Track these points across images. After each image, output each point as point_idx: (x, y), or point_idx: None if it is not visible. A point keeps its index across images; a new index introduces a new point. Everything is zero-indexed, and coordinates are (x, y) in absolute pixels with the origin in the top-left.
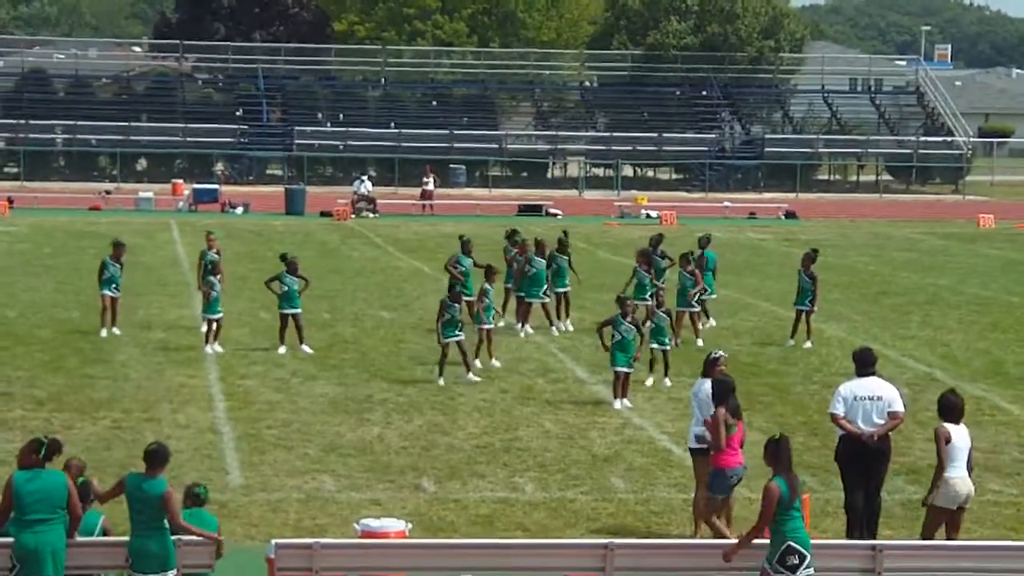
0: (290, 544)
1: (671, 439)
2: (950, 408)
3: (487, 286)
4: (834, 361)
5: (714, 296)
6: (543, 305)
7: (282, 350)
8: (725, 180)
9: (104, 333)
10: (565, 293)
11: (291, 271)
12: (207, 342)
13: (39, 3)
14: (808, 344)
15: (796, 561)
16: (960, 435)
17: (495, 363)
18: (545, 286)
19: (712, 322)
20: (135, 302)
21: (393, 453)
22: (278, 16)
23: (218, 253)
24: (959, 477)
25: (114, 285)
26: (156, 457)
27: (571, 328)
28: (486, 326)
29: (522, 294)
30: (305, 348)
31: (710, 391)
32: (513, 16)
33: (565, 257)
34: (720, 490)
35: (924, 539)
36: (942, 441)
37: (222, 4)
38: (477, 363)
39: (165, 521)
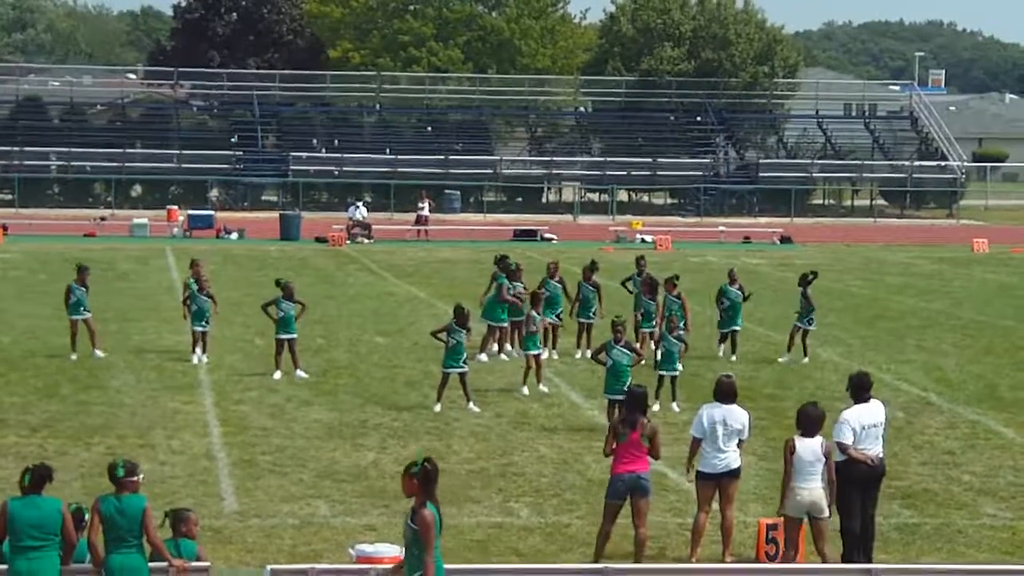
0: (285, 570)
1: (665, 463)
2: (806, 420)
3: (534, 313)
4: (829, 385)
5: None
6: (501, 329)
7: (277, 375)
8: (720, 205)
9: (74, 357)
10: (589, 324)
11: (287, 296)
12: (192, 351)
13: (34, 30)
14: (805, 360)
15: None
16: (809, 448)
17: (543, 388)
18: (560, 309)
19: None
20: (129, 328)
21: (388, 478)
22: (273, 43)
23: (198, 280)
24: (805, 487)
25: (82, 308)
26: (111, 477)
27: (554, 356)
28: (533, 352)
29: (512, 319)
30: (300, 373)
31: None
32: (509, 43)
33: (556, 283)
34: (609, 495)
35: (787, 547)
36: (787, 452)
37: (217, 31)
38: (524, 389)
39: (143, 540)
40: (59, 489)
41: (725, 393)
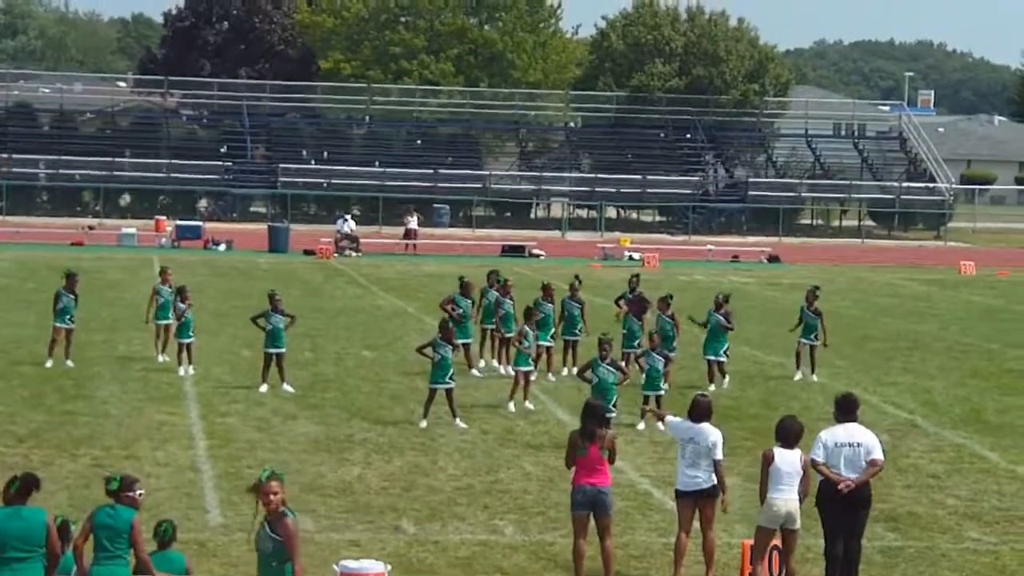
0: None
1: (651, 482)
2: (784, 432)
3: (527, 328)
4: (816, 406)
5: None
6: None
7: (263, 388)
8: (708, 223)
9: (49, 364)
10: (575, 342)
11: (274, 309)
12: (179, 363)
13: (25, 37)
14: (814, 378)
15: None
16: (787, 459)
17: (529, 405)
18: (552, 330)
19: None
20: (116, 338)
21: (373, 494)
22: (264, 54)
23: (170, 287)
24: (781, 498)
25: (68, 316)
26: (107, 490)
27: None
28: (523, 369)
29: (504, 333)
30: (286, 387)
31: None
32: (500, 57)
33: (550, 304)
34: (573, 507)
35: (754, 557)
36: (764, 463)
37: (208, 41)
38: (511, 406)
39: (129, 554)
40: (44, 500)
41: (699, 412)
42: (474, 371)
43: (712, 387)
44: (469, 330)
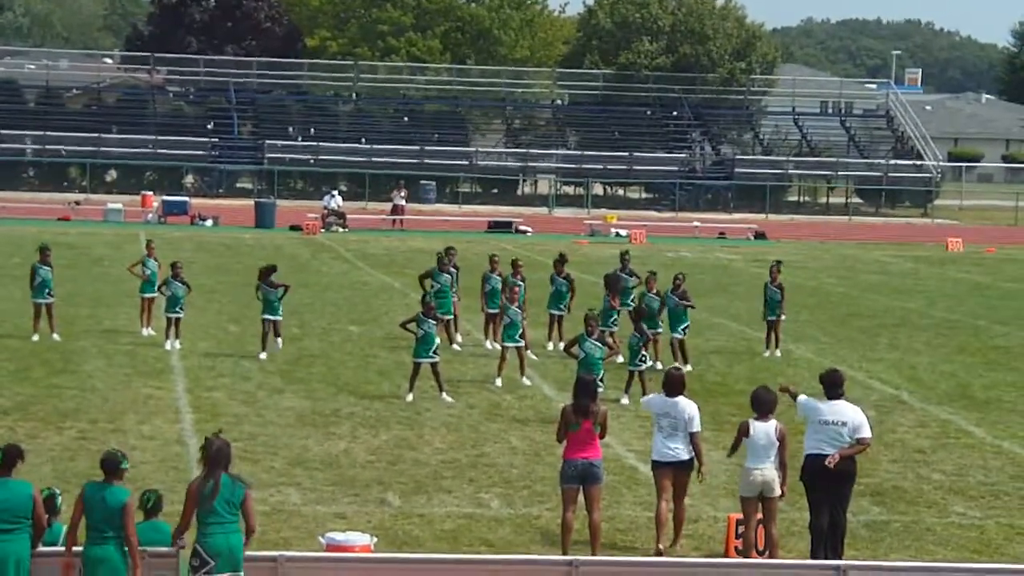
0: (255, 556)
1: (637, 457)
2: (758, 403)
3: (509, 304)
4: (802, 382)
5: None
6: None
7: (263, 356)
8: (695, 200)
9: (36, 338)
10: (560, 317)
11: (266, 283)
12: (167, 337)
13: (11, 14)
14: (777, 353)
15: (196, 564)
16: (763, 431)
17: (525, 381)
18: (566, 301)
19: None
20: (101, 313)
21: (359, 467)
22: (250, 30)
23: (156, 260)
24: (756, 468)
25: (47, 291)
26: (108, 465)
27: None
28: (512, 345)
29: (488, 310)
30: (277, 341)
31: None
32: (487, 34)
33: (565, 281)
34: (562, 481)
35: (745, 526)
36: (740, 433)
37: (194, 18)
38: (498, 381)
39: (122, 533)
40: (29, 472)
41: (672, 385)
42: (454, 346)
43: (677, 364)
44: (448, 305)
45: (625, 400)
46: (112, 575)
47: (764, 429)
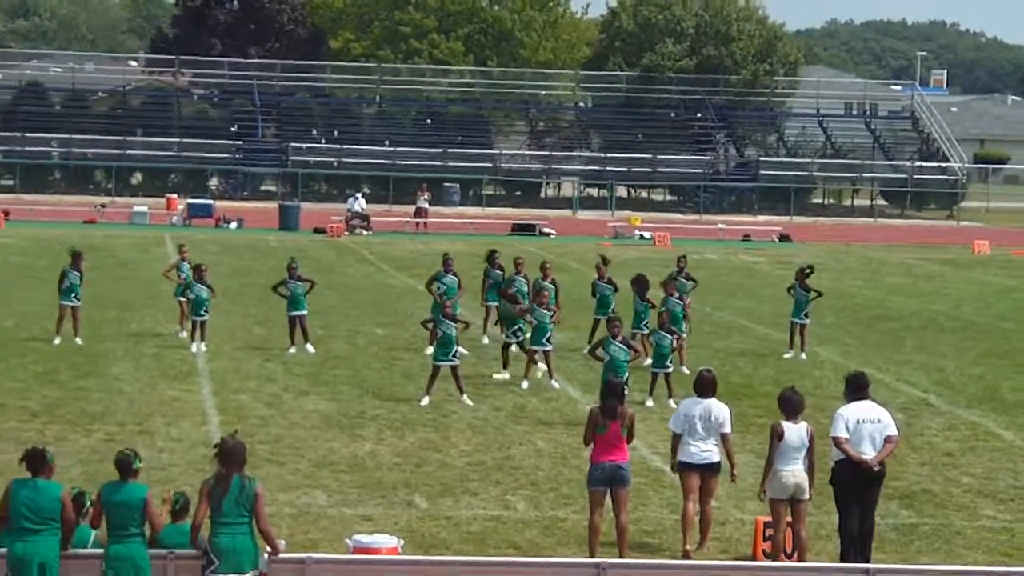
0: (282, 559)
1: (663, 459)
2: (788, 405)
3: (536, 306)
4: (828, 384)
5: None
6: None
7: (292, 350)
8: (719, 202)
9: (57, 341)
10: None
11: (292, 276)
12: (192, 340)
13: (37, 17)
14: (802, 356)
15: (204, 562)
16: (796, 432)
17: (554, 384)
18: (612, 306)
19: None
20: (128, 316)
21: (385, 469)
22: (274, 33)
23: (189, 264)
24: (787, 470)
25: (74, 295)
26: (121, 466)
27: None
28: (539, 348)
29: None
30: (309, 348)
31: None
32: (510, 36)
33: (608, 285)
34: (590, 484)
35: (774, 529)
36: (774, 437)
37: (219, 20)
38: (524, 384)
39: (144, 527)
40: (59, 475)
41: (704, 387)
42: (461, 348)
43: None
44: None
45: (650, 402)
46: (135, 573)
47: (796, 431)
